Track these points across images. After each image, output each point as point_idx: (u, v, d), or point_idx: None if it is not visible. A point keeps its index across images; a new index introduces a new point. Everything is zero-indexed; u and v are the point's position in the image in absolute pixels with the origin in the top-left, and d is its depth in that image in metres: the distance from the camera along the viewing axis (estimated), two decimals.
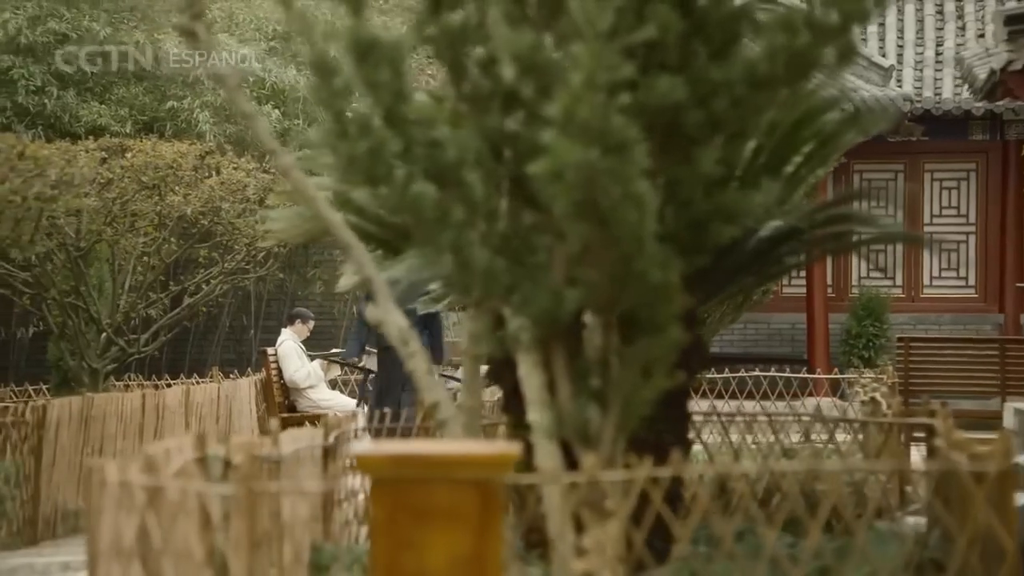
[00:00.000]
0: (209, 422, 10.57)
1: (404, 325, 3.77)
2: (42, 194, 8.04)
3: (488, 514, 2.61)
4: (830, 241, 4.14)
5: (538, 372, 3.63)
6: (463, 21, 2.93)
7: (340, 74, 2.97)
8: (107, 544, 2.78)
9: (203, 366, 16.68)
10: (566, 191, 2.83)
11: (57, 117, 16.39)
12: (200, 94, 16.88)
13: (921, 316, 16.60)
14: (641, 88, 2.81)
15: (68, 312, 10.76)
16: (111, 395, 9.01)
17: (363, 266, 3.74)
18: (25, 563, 6.57)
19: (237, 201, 11.31)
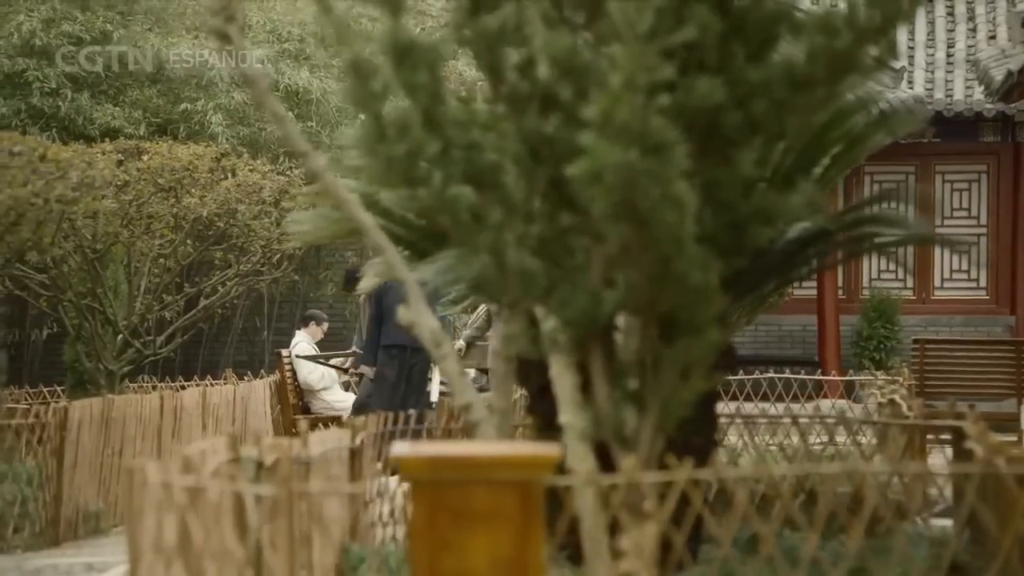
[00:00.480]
0: (225, 424, 10.60)
1: (436, 327, 3.78)
2: (63, 196, 8.08)
3: (528, 516, 2.62)
4: (859, 243, 4.14)
5: (570, 373, 3.64)
6: (501, 23, 2.94)
7: (377, 77, 2.98)
8: (149, 544, 2.79)
9: (216, 368, 16.71)
10: (605, 192, 2.84)
11: (71, 119, 16.45)
12: (214, 96, 16.92)
13: (932, 318, 16.59)
14: (680, 89, 2.81)
15: (85, 314, 10.79)
16: (130, 397, 9.04)
17: (396, 268, 3.75)
18: (49, 564, 6.59)
19: (253, 203, 11.34)
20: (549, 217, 3.02)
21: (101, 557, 6.77)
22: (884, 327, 16.40)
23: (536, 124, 2.97)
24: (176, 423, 9.38)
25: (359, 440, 4.94)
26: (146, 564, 2.77)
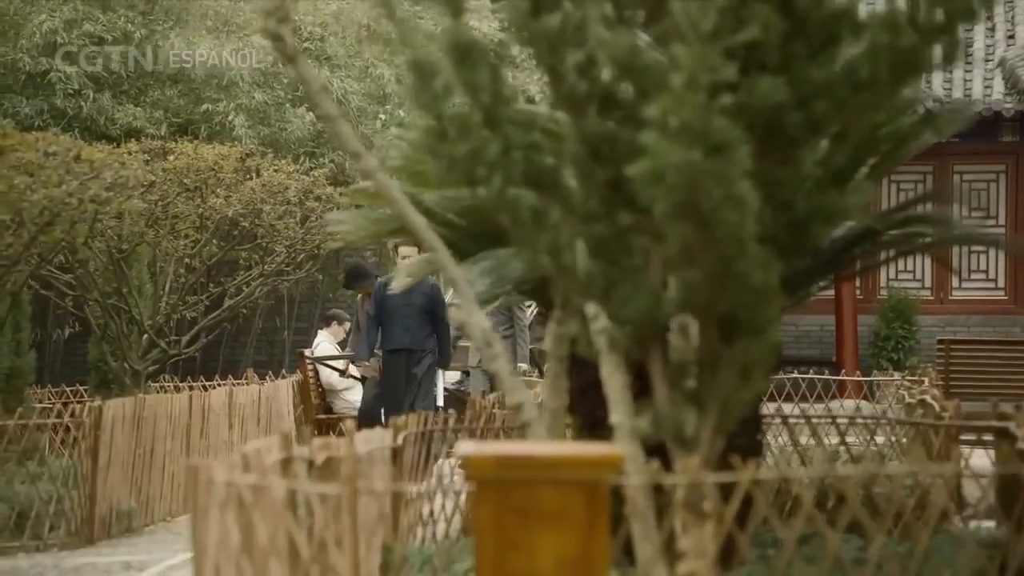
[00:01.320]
0: (251, 423, 10.63)
1: (487, 327, 3.78)
2: (97, 196, 8.11)
3: (595, 516, 2.62)
4: (906, 243, 4.14)
5: (620, 374, 3.64)
6: (561, 23, 2.95)
7: (439, 77, 2.99)
8: (213, 543, 2.80)
9: (236, 368, 16.74)
10: (667, 192, 2.84)
11: (93, 120, 16.50)
12: (235, 96, 16.96)
13: (950, 318, 16.54)
14: (742, 89, 2.81)
15: (111, 314, 10.82)
16: (161, 396, 9.08)
17: (446, 268, 3.75)
18: (87, 562, 6.61)
19: (278, 203, 11.36)
20: (608, 217, 3.02)
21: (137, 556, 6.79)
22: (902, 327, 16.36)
23: (596, 124, 2.98)
24: (204, 423, 9.41)
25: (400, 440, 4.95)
26: (210, 563, 2.78)
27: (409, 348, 10.11)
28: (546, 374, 3.69)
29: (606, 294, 3.02)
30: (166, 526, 8.50)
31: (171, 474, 8.81)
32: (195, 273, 11.45)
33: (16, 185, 7.55)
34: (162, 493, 8.69)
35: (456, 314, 3.79)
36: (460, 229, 4.81)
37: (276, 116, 17.25)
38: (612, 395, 3.67)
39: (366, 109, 18.07)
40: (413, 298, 10.08)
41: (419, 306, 10.20)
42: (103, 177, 8.13)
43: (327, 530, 2.75)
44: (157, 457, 8.55)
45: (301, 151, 17.09)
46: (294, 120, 17.10)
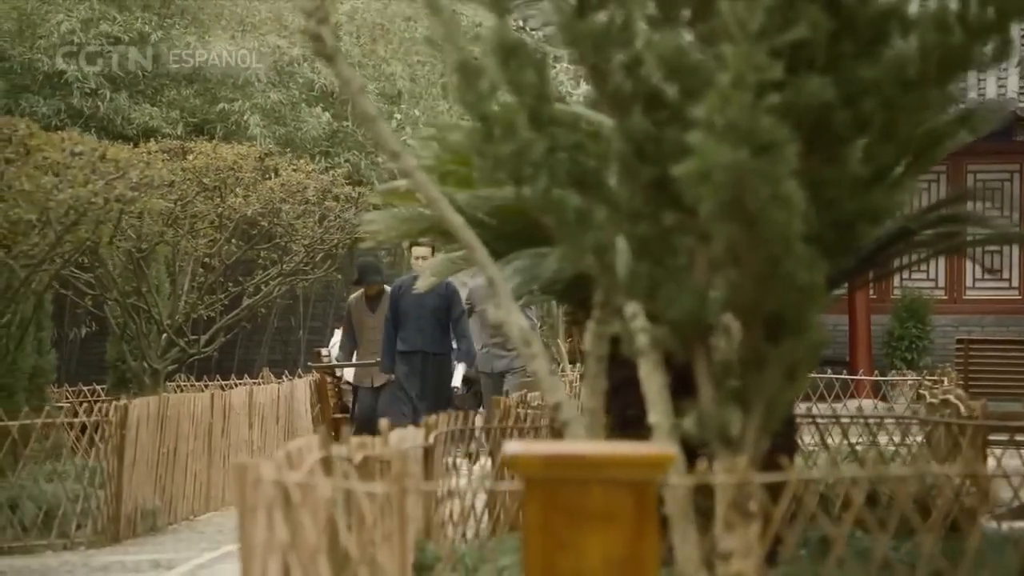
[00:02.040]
0: (270, 422, 10.66)
1: (526, 326, 3.79)
2: (122, 196, 8.14)
3: (643, 515, 2.62)
4: (941, 242, 4.13)
5: (658, 374, 3.64)
6: (607, 23, 2.95)
7: (484, 77, 2.99)
8: (261, 542, 2.80)
9: (250, 367, 16.78)
10: (713, 192, 2.84)
11: (110, 119, 16.55)
12: (250, 96, 17.01)
13: (964, 318, 16.49)
14: (789, 88, 2.81)
15: (130, 313, 10.85)
16: (184, 396, 9.11)
17: (485, 267, 3.76)
18: (115, 560, 6.63)
19: (297, 203, 11.38)
20: (653, 217, 3.03)
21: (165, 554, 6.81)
22: (916, 327, 16.32)
23: (641, 124, 2.98)
24: (225, 422, 9.44)
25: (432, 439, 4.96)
26: (259, 562, 2.79)
27: (423, 351, 9.93)
28: (585, 374, 3.69)
29: (651, 294, 3.02)
30: (189, 525, 8.52)
31: (194, 473, 8.84)
32: (214, 272, 11.47)
33: (43, 185, 7.59)
34: (185, 492, 8.72)
35: (494, 313, 3.79)
36: (491, 229, 4.81)
37: (291, 116, 17.29)
38: (650, 395, 3.67)
39: (380, 108, 18.09)
40: (426, 299, 9.86)
41: (432, 307, 10.01)
42: (129, 177, 8.16)
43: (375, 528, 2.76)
44: (180, 456, 8.58)
45: (316, 150, 17.13)
46: (309, 120, 17.14)
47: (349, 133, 17.81)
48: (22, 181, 7.36)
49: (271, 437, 10.69)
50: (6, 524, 7.17)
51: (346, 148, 17.79)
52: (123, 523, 7.53)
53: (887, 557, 3.03)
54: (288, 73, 17.55)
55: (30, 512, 7.23)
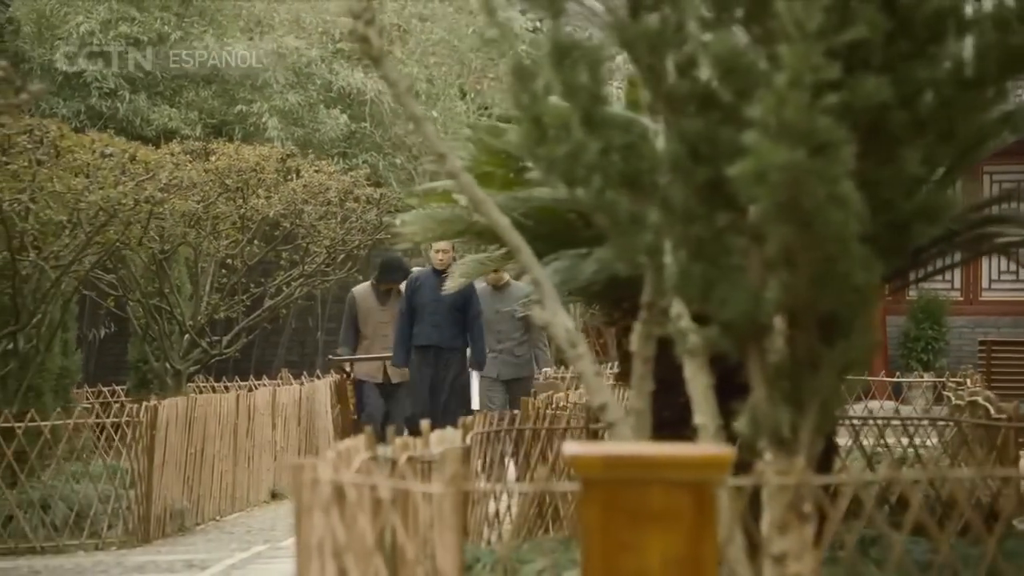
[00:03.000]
0: (292, 423, 10.69)
1: (571, 326, 3.79)
2: (152, 197, 8.17)
3: (703, 516, 2.62)
4: (983, 243, 4.13)
5: (703, 374, 3.64)
6: (662, 24, 2.95)
7: (538, 78, 3.00)
8: (318, 541, 2.81)
9: (268, 368, 16.81)
10: (769, 192, 2.84)
11: (129, 121, 16.61)
12: (268, 98, 17.05)
13: (980, 319, 16.46)
14: (845, 88, 2.81)
15: (153, 314, 10.89)
16: (211, 396, 9.15)
17: (531, 268, 3.76)
18: (148, 560, 6.65)
19: (319, 204, 11.40)
20: (706, 218, 3.02)
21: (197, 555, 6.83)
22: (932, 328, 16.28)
23: (695, 124, 2.98)
24: (250, 423, 9.47)
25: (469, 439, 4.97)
26: (316, 562, 2.80)
27: (437, 346, 9.70)
28: (632, 375, 3.69)
29: (704, 295, 3.02)
30: (216, 525, 8.55)
31: (220, 474, 8.87)
32: (236, 273, 11.51)
33: (73, 186, 7.62)
34: (211, 493, 8.74)
35: (539, 314, 3.80)
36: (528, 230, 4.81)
37: (309, 117, 17.32)
38: (696, 396, 3.67)
39: (398, 110, 18.11)
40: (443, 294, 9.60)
41: (449, 303, 9.68)
42: (159, 178, 8.20)
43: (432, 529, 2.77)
44: (207, 457, 8.61)
45: (334, 152, 17.15)
46: (327, 121, 17.17)
47: (367, 134, 17.84)
48: (53, 183, 7.41)
49: (293, 438, 10.71)
50: (38, 524, 7.20)
51: (363, 149, 17.81)
52: (153, 523, 7.56)
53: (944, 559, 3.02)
54: (306, 75, 17.57)
55: (61, 512, 7.26)
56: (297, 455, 10.58)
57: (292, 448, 10.56)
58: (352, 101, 17.74)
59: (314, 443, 11.15)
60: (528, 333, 10.56)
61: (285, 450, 10.41)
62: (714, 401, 3.68)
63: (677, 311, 3.57)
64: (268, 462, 9.94)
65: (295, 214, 11.10)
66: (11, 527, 7.00)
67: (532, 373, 10.56)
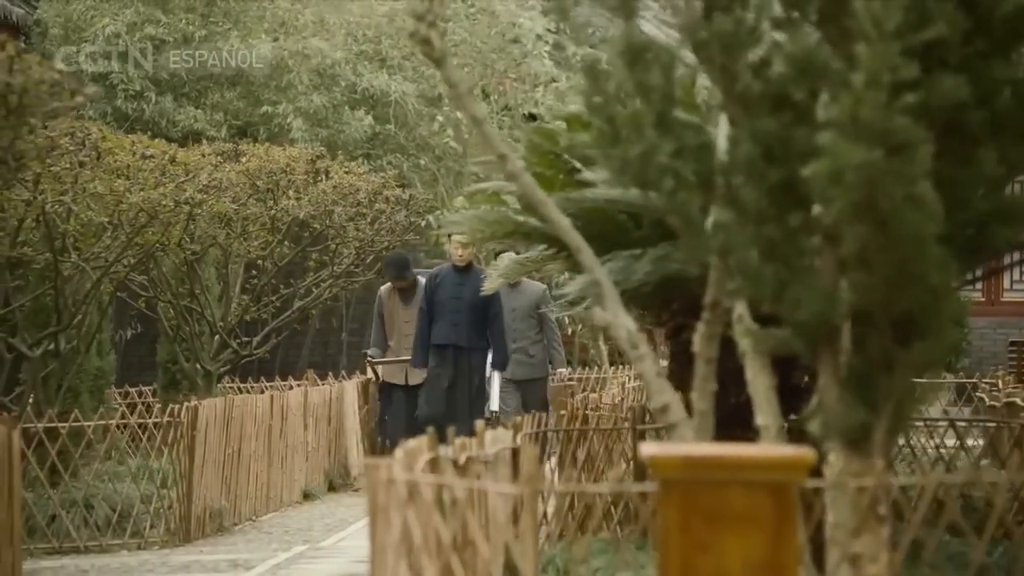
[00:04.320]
0: (323, 423, 10.71)
1: (632, 328, 3.78)
2: (191, 199, 8.21)
3: (783, 518, 2.62)
4: None
5: (765, 375, 3.63)
6: (735, 24, 2.95)
7: (612, 79, 3.00)
8: (394, 540, 2.82)
9: (292, 368, 16.84)
10: (845, 193, 2.83)
11: (155, 122, 16.65)
12: (293, 99, 17.07)
13: (1002, 320, 16.38)
14: (923, 87, 2.81)
15: (184, 315, 10.92)
16: (247, 397, 9.18)
17: (592, 269, 3.76)
18: (193, 560, 6.67)
19: (349, 205, 11.41)
20: (779, 218, 3.02)
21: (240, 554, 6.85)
22: None
23: (768, 125, 2.98)
24: (283, 423, 9.49)
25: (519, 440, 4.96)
26: (392, 560, 2.80)
27: (456, 345, 9.34)
28: (695, 376, 3.68)
29: (777, 296, 3.01)
30: (253, 525, 8.57)
31: (255, 474, 8.89)
32: (267, 274, 11.53)
33: (115, 188, 7.66)
34: (248, 492, 8.77)
35: (600, 315, 3.79)
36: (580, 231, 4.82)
37: (334, 118, 17.34)
38: (757, 397, 3.66)
39: (422, 111, 18.13)
40: (464, 291, 9.36)
41: (469, 300, 9.34)
42: (199, 179, 8.23)
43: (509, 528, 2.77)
44: (243, 457, 8.64)
45: (358, 153, 17.17)
46: (352, 122, 17.18)
47: (391, 136, 17.85)
48: (95, 184, 7.44)
49: (324, 438, 10.73)
50: (80, 523, 7.24)
51: (388, 151, 17.82)
52: (193, 523, 7.58)
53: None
54: (330, 76, 17.60)
55: (103, 512, 7.29)
56: (328, 456, 10.61)
57: (323, 449, 10.58)
58: (376, 103, 17.75)
59: (343, 444, 11.16)
60: (543, 332, 10.33)
61: (316, 450, 10.44)
62: (776, 402, 3.68)
63: (740, 312, 3.57)
64: (300, 462, 9.97)
65: (325, 215, 11.12)
66: (54, 526, 7.05)
67: (546, 374, 10.28)
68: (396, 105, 17.63)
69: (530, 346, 10.07)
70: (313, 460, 10.38)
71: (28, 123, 4.62)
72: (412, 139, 18.01)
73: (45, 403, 7.60)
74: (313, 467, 10.40)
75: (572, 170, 5.17)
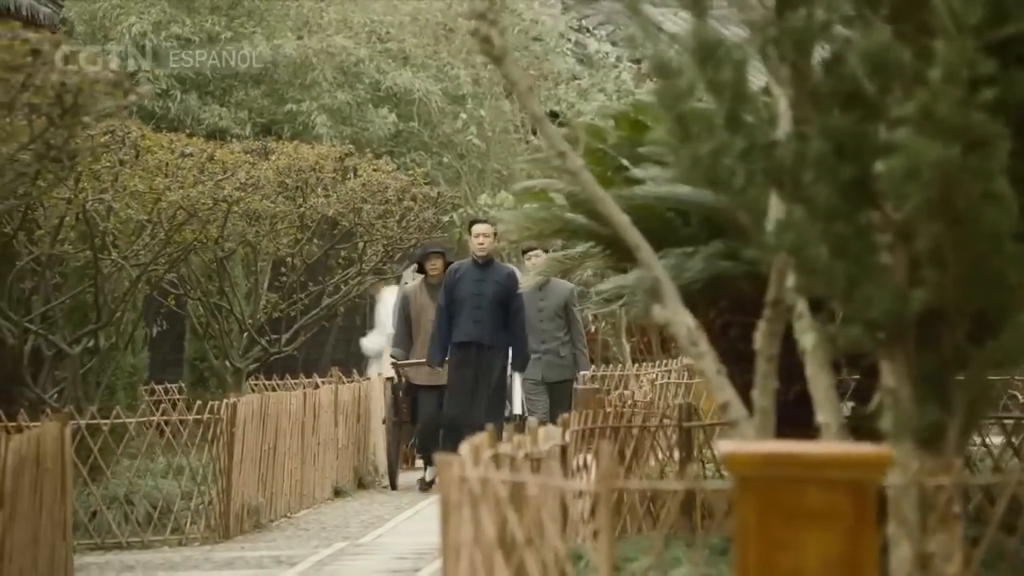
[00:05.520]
0: (352, 420, 10.73)
1: (692, 325, 3.78)
2: (229, 196, 8.24)
3: (861, 516, 2.61)
4: None
5: (826, 373, 3.62)
6: (807, 21, 2.94)
7: (682, 76, 2.99)
8: (467, 538, 2.82)
9: (314, 366, 16.86)
10: (920, 189, 2.82)
11: (180, 120, 16.69)
12: (317, 97, 17.10)
13: None
14: (1000, 84, 2.79)
15: (213, 312, 10.95)
16: (282, 394, 9.21)
17: (651, 266, 3.75)
18: (237, 556, 6.69)
19: (378, 203, 11.43)
20: (850, 215, 3.01)
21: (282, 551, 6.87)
22: None
23: (840, 121, 2.96)
24: (315, 420, 9.52)
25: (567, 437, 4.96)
26: (465, 558, 2.80)
27: (478, 342, 9.07)
28: (757, 373, 3.67)
29: (847, 293, 3.00)
30: (289, 522, 8.60)
31: (290, 470, 8.92)
32: (295, 272, 11.56)
33: (155, 186, 7.69)
34: (283, 489, 8.80)
35: (659, 312, 3.79)
36: None
37: (357, 116, 17.37)
38: (817, 394, 3.65)
39: (445, 109, 18.13)
40: (485, 287, 9.10)
41: (491, 296, 9.10)
42: (237, 177, 8.26)
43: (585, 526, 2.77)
44: (279, 453, 8.67)
45: (382, 151, 17.19)
46: (375, 120, 17.20)
47: (414, 133, 17.87)
48: (136, 182, 7.48)
49: (353, 435, 10.76)
50: (120, 520, 7.27)
51: (411, 148, 17.84)
52: (232, 519, 7.61)
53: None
54: (354, 74, 17.62)
55: (144, 508, 7.33)
56: (358, 453, 10.63)
57: (353, 446, 10.60)
58: (400, 100, 17.76)
59: (372, 441, 11.17)
60: (570, 332, 10.09)
61: (346, 448, 10.46)
62: (837, 400, 3.66)
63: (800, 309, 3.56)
64: (331, 459, 9.99)
65: (354, 212, 11.13)
66: (95, 522, 7.09)
67: (574, 376, 9.95)
68: (420, 103, 17.65)
69: (560, 347, 9.86)
70: (343, 457, 10.40)
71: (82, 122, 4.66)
72: (435, 137, 18.02)
73: (85, 400, 7.64)
74: (344, 464, 10.42)
75: (619, 167, 5.17)
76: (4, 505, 4.29)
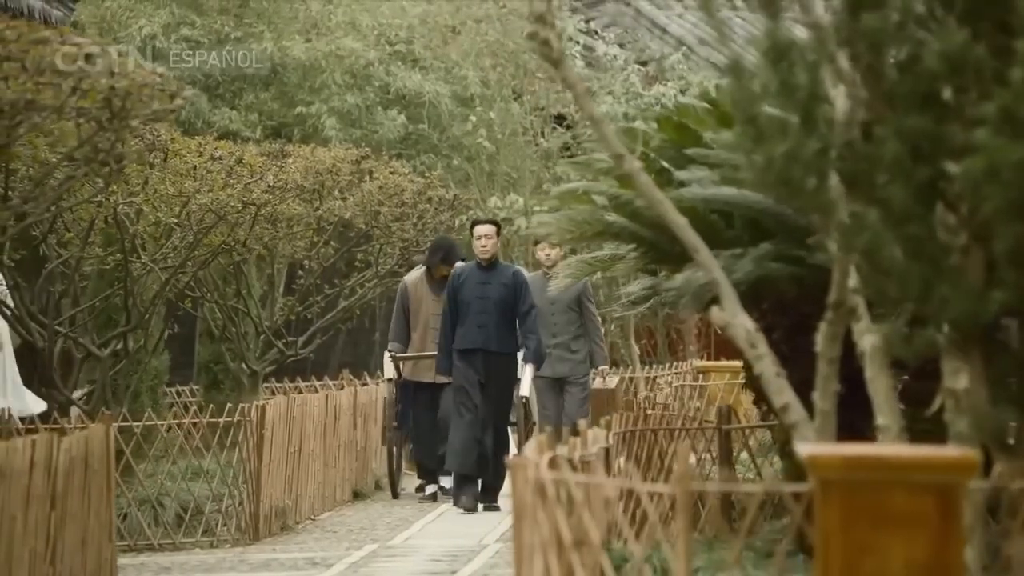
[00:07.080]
0: (370, 422, 10.72)
1: (751, 327, 3.76)
2: (258, 199, 8.22)
3: (948, 519, 2.59)
4: None
5: (885, 375, 3.61)
6: (883, 21, 2.93)
7: (756, 78, 2.98)
8: (543, 538, 2.80)
9: (324, 368, 16.83)
10: (1000, 190, 2.81)
11: (190, 123, 16.67)
12: (327, 100, 17.07)
13: None
14: None
15: (230, 315, 10.93)
16: (307, 396, 9.20)
17: (710, 268, 3.74)
18: (271, 558, 6.67)
19: (394, 205, 11.42)
20: (924, 217, 2.99)
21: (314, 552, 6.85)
22: None
23: (916, 122, 2.95)
24: (336, 422, 9.51)
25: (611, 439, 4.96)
26: (540, 558, 2.78)
27: (484, 350, 8.58)
28: (817, 375, 3.66)
29: (923, 295, 2.99)
30: (315, 524, 8.58)
31: (313, 472, 8.91)
32: (311, 274, 11.55)
33: (185, 189, 7.68)
34: (308, 491, 8.79)
35: (717, 314, 3.77)
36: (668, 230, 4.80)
37: (367, 119, 17.35)
38: (877, 397, 3.64)
39: (455, 112, 18.12)
40: (490, 289, 8.62)
41: (497, 299, 8.60)
42: (266, 179, 8.25)
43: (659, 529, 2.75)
44: (303, 455, 8.67)
45: (392, 153, 17.17)
46: (385, 122, 17.19)
47: (424, 136, 17.86)
48: (166, 185, 7.47)
49: (372, 437, 10.74)
50: (151, 522, 7.26)
51: (421, 151, 17.84)
52: (261, 522, 7.60)
53: None
54: (364, 76, 17.62)
55: (174, 510, 7.32)
56: (376, 454, 10.60)
57: (371, 448, 10.59)
58: (409, 103, 17.76)
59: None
60: (584, 327, 9.73)
61: (365, 450, 10.44)
62: (897, 402, 3.65)
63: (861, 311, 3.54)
64: (351, 461, 9.98)
65: (371, 215, 11.10)
66: (127, 524, 7.07)
67: (588, 372, 9.63)
68: (429, 105, 17.64)
69: (571, 341, 9.54)
70: (362, 459, 10.38)
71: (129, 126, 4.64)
72: (445, 139, 18.01)
73: (114, 402, 7.63)
74: (362, 466, 10.41)
75: (661, 170, 5.16)
76: (56, 506, 4.28)
